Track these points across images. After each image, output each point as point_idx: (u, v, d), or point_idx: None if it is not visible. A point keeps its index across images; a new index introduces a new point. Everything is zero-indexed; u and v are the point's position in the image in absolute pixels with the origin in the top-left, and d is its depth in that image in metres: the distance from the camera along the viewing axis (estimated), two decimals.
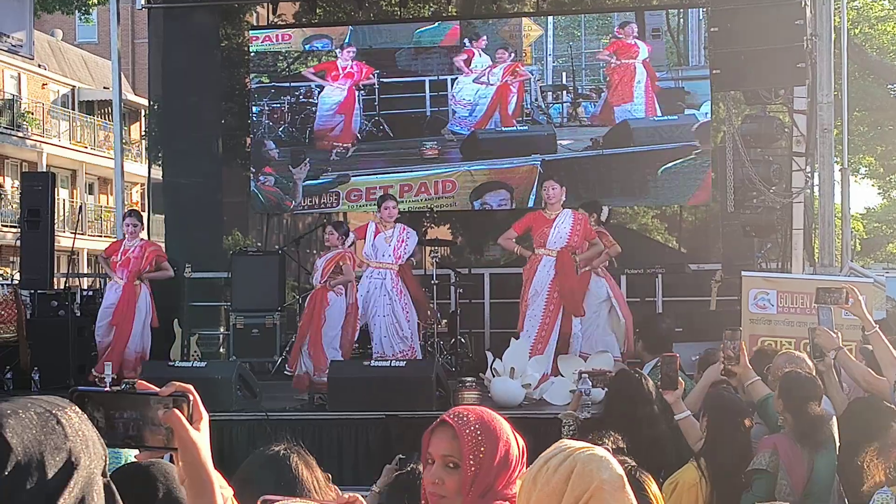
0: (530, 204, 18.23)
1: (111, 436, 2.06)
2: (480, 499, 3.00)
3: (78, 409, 2.01)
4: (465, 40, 18.14)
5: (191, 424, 2.12)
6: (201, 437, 2.14)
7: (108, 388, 2.14)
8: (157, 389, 2.12)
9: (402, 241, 13.45)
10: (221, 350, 17.28)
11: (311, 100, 18.49)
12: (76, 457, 1.95)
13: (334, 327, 12.97)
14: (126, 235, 14.09)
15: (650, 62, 17.39)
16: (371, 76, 18.28)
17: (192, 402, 2.13)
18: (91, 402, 2.07)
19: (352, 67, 18.26)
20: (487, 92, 17.95)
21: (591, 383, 8.09)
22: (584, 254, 12.67)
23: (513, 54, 17.99)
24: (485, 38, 18.05)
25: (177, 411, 2.10)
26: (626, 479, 2.56)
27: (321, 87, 18.34)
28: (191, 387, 2.15)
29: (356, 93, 18.24)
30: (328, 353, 12.75)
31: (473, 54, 18.02)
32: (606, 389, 7.76)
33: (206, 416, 2.18)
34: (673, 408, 6.92)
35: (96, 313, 14.01)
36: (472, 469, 3.02)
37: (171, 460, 2.26)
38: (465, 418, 3.08)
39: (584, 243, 12.63)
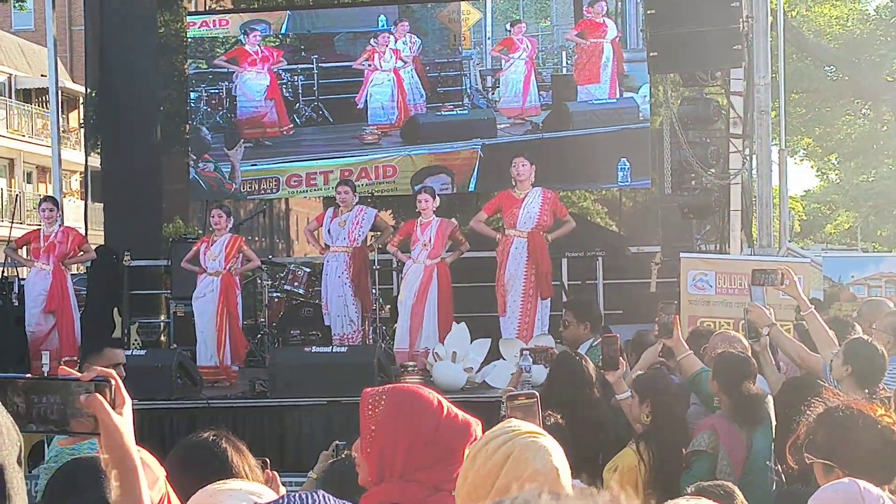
0: (471, 188, 18.27)
1: (31, 422, 2.05)
2: (390, 479, 3.00)
3: None
4: (390, 25, 18.06)
5: (113, 409, 2.11)
6: (124, 422, 2.13)
7: (27, 375, 2.13)
8: (79, 375, 2.11)
9: (357, 223, 13.49)
10: (162, 338, 17.18)
11: None
12: None
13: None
14: (44, 222, 14.02)
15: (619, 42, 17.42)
16: (281, 59, 18.18)
17: (114, 387, 2.12)
18: (11, 388, 2.05)
19: (263, 52, 18.15)
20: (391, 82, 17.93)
21: (531, 360, 8.10)
22: (556, 232, 12.78)
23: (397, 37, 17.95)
24: (406, 22, 17.98)
25: (98, 396, 2.09)
26: (563, 472, 2.53)
27: (238, 76, 18.18)
28: (112, 371, 2.13)
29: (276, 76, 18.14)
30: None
31: (389, 42, 17.94)
32: (548, 372, 7.78)
33: (129, 401, 2.16)
34: (615, 388, 6.96)
35: None
36: (368, 448, 3.03)
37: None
38: (373, 397, 3.08)
39: (553, 220, 12.75)
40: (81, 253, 14.23)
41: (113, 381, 2.12)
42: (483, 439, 2.50)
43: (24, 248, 14.33)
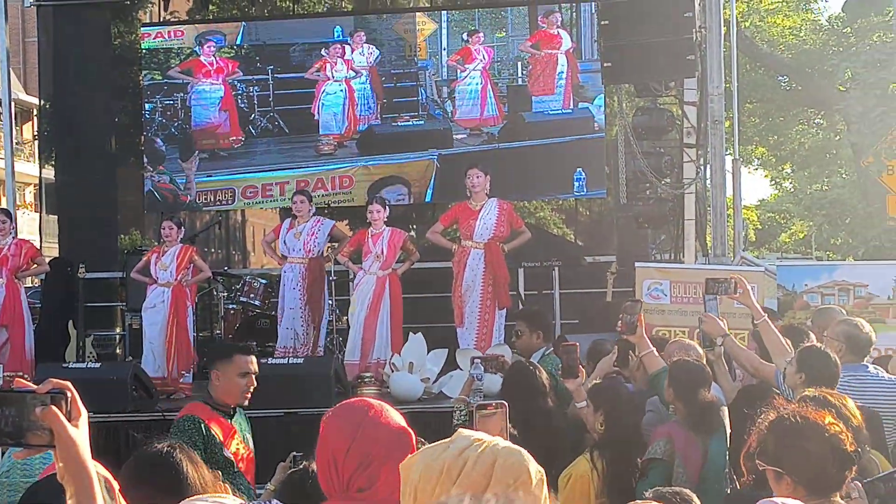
0: (428, 199, 18.27)
1: None
2: (334, 495, 3.01)
3: None
4: (347, 36, 18.07)
5: (69, 421, 2.11)
6: (80, 434, 2.13)
7: None
8: (35, 387, 2.11)
9: (313, 234, 13.50)
10: (118, 351, 17.09)
11: None
12: None
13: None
14: None
15: (573, 53, 17.48)
16: (236, 70, 18.15)
17: (70, 399, 2.12)
18: None
19: (218, 63, 18.12)
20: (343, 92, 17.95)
21: (483, 368, 8.12)
22: (512, 243, 12.81)
23: (354, 47, 17.99)
24: (363, 32, 17.99)
25: (54, 408, 2.09)
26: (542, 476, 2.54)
27: (193, 87, 18.13)
28: (68, 383, 2.13)
29: (230, 88, 18.11)
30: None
31: (344, 52, 17.94)
32: (502, 381, 7.80)
33: (84, 414, 2.16)
34: (574, 396, 7.00)
35: None
36: (322, 455, 3.06)
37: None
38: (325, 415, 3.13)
39: (510, 231, 12.78)
40: (35, 265, 14.14)
41: (69, 394, 2.12)
42: (450, 452, 2.45)
43: None
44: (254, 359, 6.52)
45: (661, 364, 7.12)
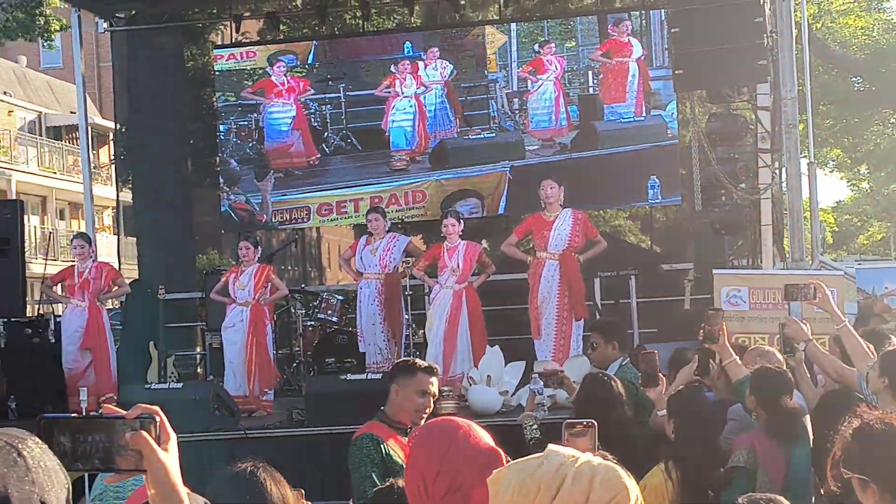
0: (501, 211, 18.27)
1: (78, 461, 2.08)
2: None
3: (38, 440, 2.04)
4: (418, 51, 18.15)
5: (158, 445, 2.14)
6: (169, 458, 2.16)
7: (73, 415, 2.17)
8: (124, 413, 2.14)
9: (388, 250, 13.55)
10: (199, 370, 17.25)
11: None
12: (39, 487, 1.97)
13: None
14: (77, 259, 14.10)
15: (644, 61, 17.45)
16: (308, 89, 18.28)
17: (158, 423, 2.15)
18: (58, 428, 2.09)
19: (289, 82, 18.26)
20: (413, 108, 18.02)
21: (542, 383, 8.10)
22: (587, 253, 12.78)
23: (427, 62, 18.04)
24: (436, 48, 18.05)
25: (144, 433, 2.12)
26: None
27: (265, 107, 18.29)
28: (157, 408, 2.17)
29: (302, 107, 18.25)
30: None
31: (419, 67, 18.02)
32: (577, 394, 7.77)
33: (174, 437, 2.19)
34: (656, 404, 6.97)
35: None
36: (410, 479, 3.06)
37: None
38: (413, 434, 3.13)
39: (584, 242, 12.74)
40: (116, 287, 14.33)
41: (158, 418, 2.15)
42: (544, 469, 2.42)
43: (59, 285, 14.44)
44: (435, 381, 6.30)
45: (745, 372, 7.05)
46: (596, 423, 3.83)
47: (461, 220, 13.28)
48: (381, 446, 6.07)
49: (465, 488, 2.94)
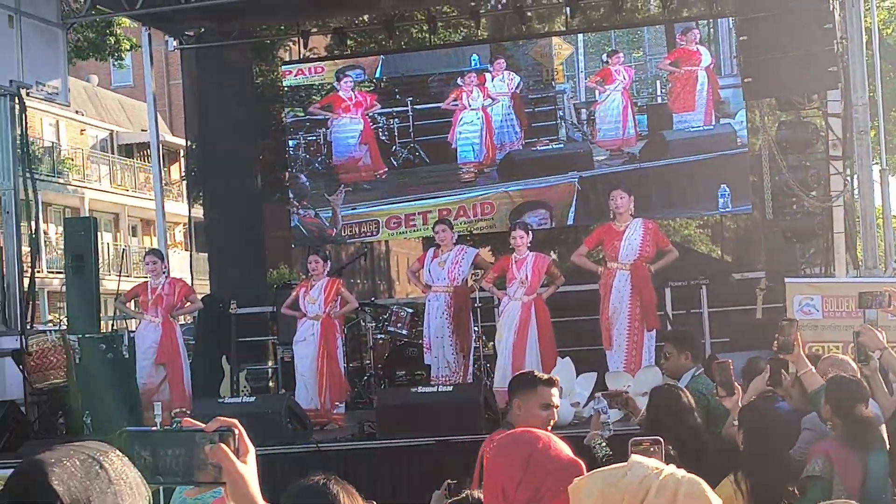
0: (570, 221, 18.25)
1: (158, 474, 2.11)
2: None
3: (120, 452, 2.07)
4: (485, 64, 18.18)
5: (237, 458, 2.16)
6: (248, 470, 2.18)
7: (153, 428, 2.20)
8: (203, 426, 2.17)
9: (457, 263, 13.55)
10: (270, 384, 17.35)
11: None
12: (121, 499, 2.00)
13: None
14: (150, 275, 14.25)
15: (713, 69, 17.37)
16: (375, 103, 18.36)
17: (237, 436, 2.17)
18: (139, 441, 2.12)
19: (356, 97, 18.34)
20: (480, 120, 18.03)
21: (606, 402, 8.05)
22: (659, 263, 12.72)
23: (494, 74, 18.05)
24: (502, 59, 18.07)
25: (223, 446, 2.14)
26: None
27: (333, 122, 18.38)
28: (235, 421, 2.19)
29: (369, 121, 18.33)
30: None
31: (485, 80, 18.04)
32: (647, 405, 7.73)
33: (252, 450, 2.21)
34: (731, 413, 6.94)
35: None
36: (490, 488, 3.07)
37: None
38: (490, 444, 3.15)
39: (655, 251, 12.69)
40: (188, 303, 14.47)
41: (237, 431, 2.17)
42: (628, 481, 2.40)
43: (133, 301, 14.59)
44: (556, 391, 6.24)
45: (820, 382, 6.99)
46: (663, 438, 3.79)
47: (529, 232, 13.26)
48: None
49: (546, 499, 2.94)
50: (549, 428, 6.03)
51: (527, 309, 12.89)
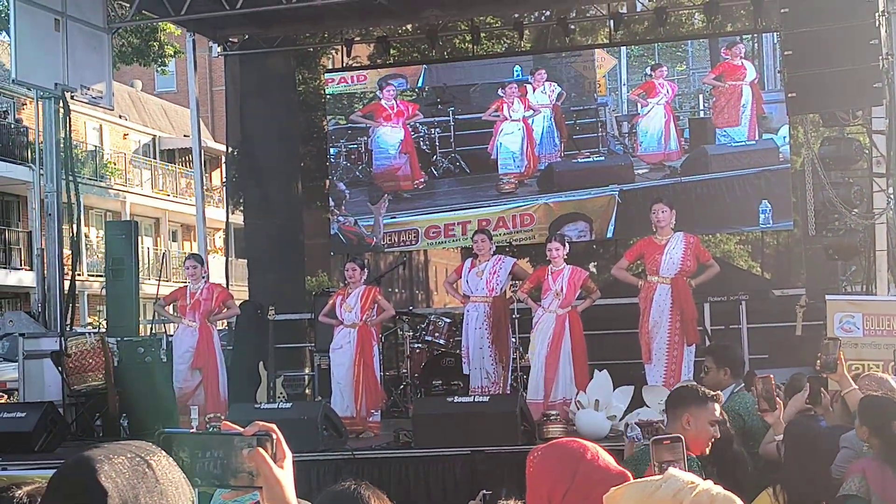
0: (609, 234, 18.21)
1: (196, 476, 2.11)
2: None
3: (165, 453, 2.07)
4: (527, 75, 18.18)
5: (275, 463, 2.16)
6: (285, 475, 2.17)
7: (193, 430, 2.20)
8: (241, 430, 2.16)
9: (495, 273, 13.52)
10: (307, 391, 17.38)
11: None
12: (168, 499, 2.01)
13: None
14: (189, 279, 14.31)
15: (757, 84, 17.31)
16: (417, 113, 18.39)
17: (275, 441, 2.17)
18: (177, 443, 2.12)
19: (398, 106, 18.37)
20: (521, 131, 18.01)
21: (639, 430, 7.99)
22: (700, 277, 12.66)
23: (535, 85, 18.03)
24: (543, 71, 18.05)
25: (261, 450, 2.14)
26: None
27: (374, 130, 18.43)
28: (274, 426, 2.18)
29: (410, 130, 18.36)
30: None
31: (527, 91, 18.04)
32: None
33: (289, 455, 2.21)
34: (775, 428, 6.89)
35: None
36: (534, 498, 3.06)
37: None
38: (533, 453, 3.13)
39: (696, 265, 12.62)
40: (226, 309, 14.51)
41: (275, 436, 2.17)
42: (663, 493, 2.40)
43: (172, 305, 14.66)
44: (719, 408, 6.18)
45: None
46: (682, 438, 3.86)
47: (566, 244, 13.22)
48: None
49: None
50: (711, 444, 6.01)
51: (561, 322, 12.85)
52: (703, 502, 2.34)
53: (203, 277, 14.33)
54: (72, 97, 16.12)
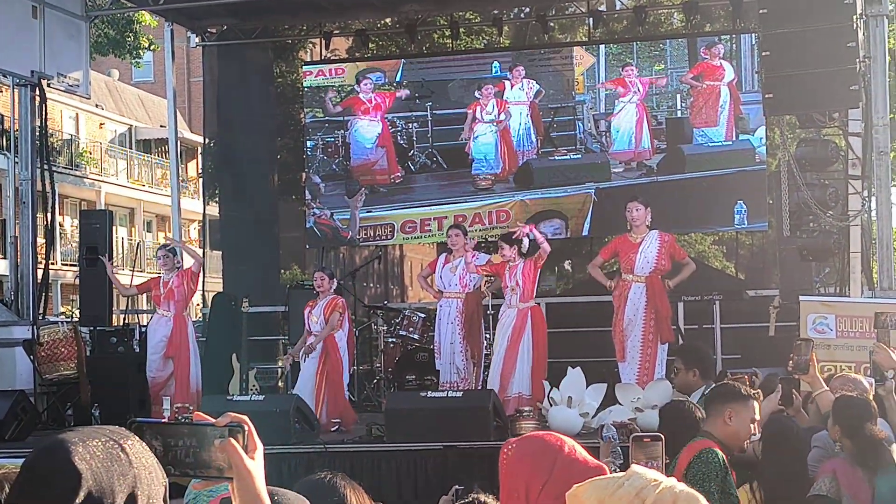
0: (585, 233, 18.22)
1: (169, 465, 2.11)
2: None
3: (138, 438, 2.07)
4: (505, 71, 18.16)
5: (246, 454, 2.15)
6: (256, 466, 2.17)
7: (165, 420, 2.19)
8: (213, 420, 2.16)
9: (468, 269, 13.51)
10: (280, 384, 17.34)
11: None
12: (140, 483, 2.01)
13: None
14: (162, 269, 14.29)
15: (735, 85, 17.34)
16: (396, 98, 18.33)
17: (247, 433, 2.17)
18: (150, 432, 2.11)
19: (376, 99, 18.33)
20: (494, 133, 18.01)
21: (615, 430, 8.00)
22: (676, 278, 12.68)
23: (513, 82, 18.02)
24: (521, 67, 18.04)
25: (233, 441, 2.13)
26: None
27: (352, 124, 18.38)
28: (245, 417, 2.18)
29: (388, 125, 18.32)
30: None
31: (504, 88, 18.03)
32: (659, 422, 7.69)
33: (260, 446, 2.21)
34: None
35: None
36: (502, 497, 3.06)
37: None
38: (505, 446, 3.12)
39: (671, 264, 12.63)
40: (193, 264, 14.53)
41: (246, 427, 2.17)
42: (625, 490, 2.41)
43: (145, 295, 14.64)
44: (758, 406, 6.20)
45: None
46: (664, 437, 3.87)
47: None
48: (724, 461, 5.89)
49: None
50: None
51: (522, 316, 12.79)
52: (666, 500, 2.34)
53: (177, 267, 14.30)
54: (48, 85, 16.05)
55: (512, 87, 17.99)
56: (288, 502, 3.00)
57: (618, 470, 7.09)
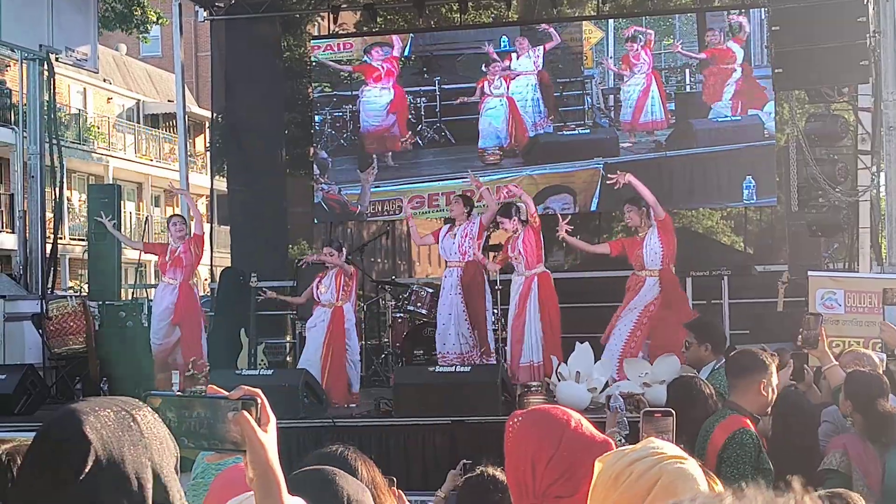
0: (593, 208, 18.20)
1: (182, 436, 2.11)
2: (528, 499, 3.01)
3: (150, 409, 2.07)
4: (513, 46, 18.13)
5: (259, 427, 2.15)
6: (269, 439, 2.17)
7: (178, 392, 2.19)
8: (227, 393, 2.16)
9: (467, 235, 13.51)
10: (288, 359, 17.37)
11: None
12: (152, 453, 2.01)
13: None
14: (172, 237, 14.24)
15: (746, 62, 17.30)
16: (405, 46, 18.33)
17: (260, 406, 2.17)
18: (164, 403, 2.12)
19: (387, 66, 18.31)
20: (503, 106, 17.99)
21: (622, 401, 8.00)
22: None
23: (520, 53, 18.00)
24: (525, 39, 18.00)
25: (246, 413, 2.13)
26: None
27: (362, 93, 18.37)
28: (258, 390, 2.18)
29: (402, 90, 18.30)
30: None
31: (511, 59, 18.00)
32: (667, 398, 7.68)
33: (273, 420, 2.21)
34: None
35: None
36: (508, 470, 3.06)
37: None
38: (511, 420, 3.12)
39: (674, 242, 12.62)
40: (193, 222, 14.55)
41: (259, 400, 2.17)
42: (624, 459, 2.43)
43: (153, 267, 14.66)
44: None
45: (844, 377, 6.96)
46: (674, 413, 3.88)
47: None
48: (758, 441, 5.88)
49: (577, 477, 2.92)
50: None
51: (528, 283, 12.79)
52: (653, 473, 2.36)
53: (187, 236, 14.28)
54: (56, 59, 16.03)
55: (518, 56, 17.94)
56: (347, 485, 3.00)
57: (623, 440, 7.13)
